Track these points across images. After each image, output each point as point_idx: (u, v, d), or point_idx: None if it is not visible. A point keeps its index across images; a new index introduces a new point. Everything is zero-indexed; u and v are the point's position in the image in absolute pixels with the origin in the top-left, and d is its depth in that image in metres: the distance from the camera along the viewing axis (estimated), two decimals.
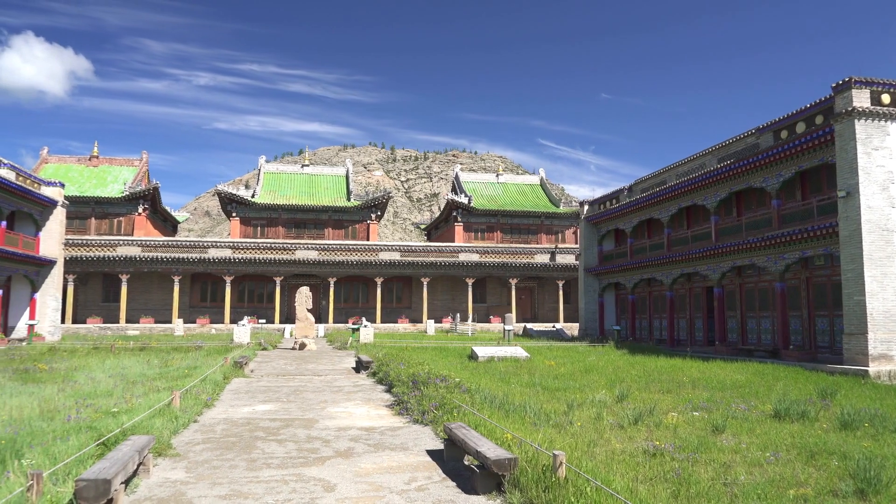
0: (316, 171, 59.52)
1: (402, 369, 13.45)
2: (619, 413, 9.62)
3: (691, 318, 28.63)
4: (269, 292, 45.03)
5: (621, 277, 33.44)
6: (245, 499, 5.58)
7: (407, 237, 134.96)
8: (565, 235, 54.86)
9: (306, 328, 26.23)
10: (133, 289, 42.27)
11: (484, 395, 10.40)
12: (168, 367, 16.03)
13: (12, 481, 5.21)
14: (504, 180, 61.58)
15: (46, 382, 12.83)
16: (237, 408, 10.64)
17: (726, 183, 24.84)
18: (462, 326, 41.03)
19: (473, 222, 53.68)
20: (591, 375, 15.29)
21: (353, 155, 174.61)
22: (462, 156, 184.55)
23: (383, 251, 44.89)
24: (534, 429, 8.10)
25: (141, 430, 7.33)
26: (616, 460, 6.75)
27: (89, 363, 17.03)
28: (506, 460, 5.64)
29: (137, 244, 41.72)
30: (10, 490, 4.86)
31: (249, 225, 50.81)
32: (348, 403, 11.34)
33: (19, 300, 31.51)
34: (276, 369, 17.43)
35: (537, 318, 48.87)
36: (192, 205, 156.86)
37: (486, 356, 19.04)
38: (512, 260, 45.79)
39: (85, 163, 52.35)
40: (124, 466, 5.23)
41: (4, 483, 5.17)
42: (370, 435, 8.49)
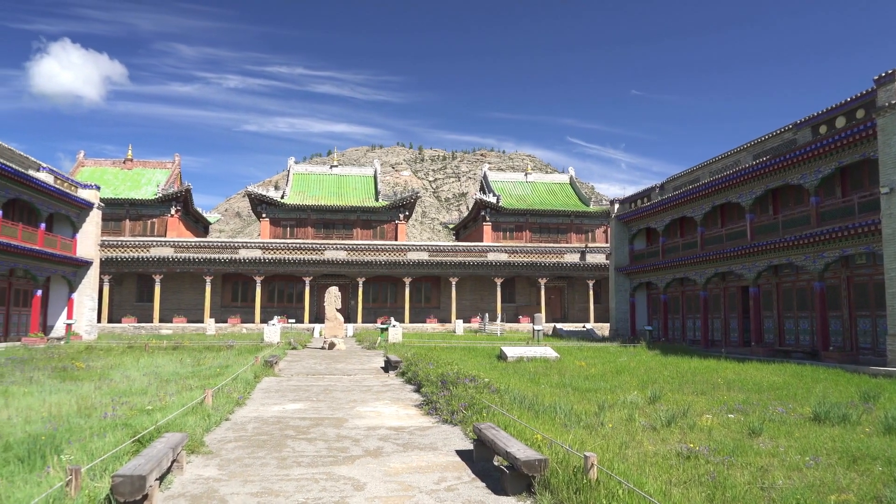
0: (344, 171, 59.98)
1: (431, 369, 13.43)
2: (652, 415, 9.45)
3: (726, 318, 28.04)
4: (298, 292, 45.54)
5: (653, 277, 32.93)
6: (276, 496, 5.62)
7: (435, 237, 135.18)
8: (595, 234, 54.30)
9: (335, 328, 26.43)
10: (166, 289, 43.17)
11: (513, 395, 10.32)
12: (200, 366, 16.29)
13: (52, 476, 5.33)
14: (533, 179, 61.20)
15: (84, 380, 13.15)
16: (268, 406, 10.76)
17: (762, 180, 24.26)
18: (491, 326, 40.90)
19: (502, 222, 53.47)
20: (622, 376, 15.06)
21: (381, 155, 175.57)
22: (490, 155, 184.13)
23: (411, 251, 45.00)
24: (564, 430, 7.99)
25: (174, 427, 7.44)
26: (649, 463, 6.61)
27: (124, 362, 17.42)
28: (536, 461, 5.57)
29: (170, 245, 42.58)
30: (51, 485, 4.98)
31: (279, 225, 51.44)
32: (377, 403, 11.37)
33: (57, 300, 32.40)
34: (305, 368, 17.59)
35: (567, 318, 48.45)
36: (223, 206, 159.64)
37: (516, 356, 18.93)
38: (541, 259, 45.49)
39: (119, 166, 53.67)
40: (159, 463, 5.31)
41: (45, 478, 5.29)
42: (399, 434, 8.48)
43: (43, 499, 4.50)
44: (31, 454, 6.18)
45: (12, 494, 4.79)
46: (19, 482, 5.21)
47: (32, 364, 16.45)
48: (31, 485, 5.09)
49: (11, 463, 5.98)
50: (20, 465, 5.92)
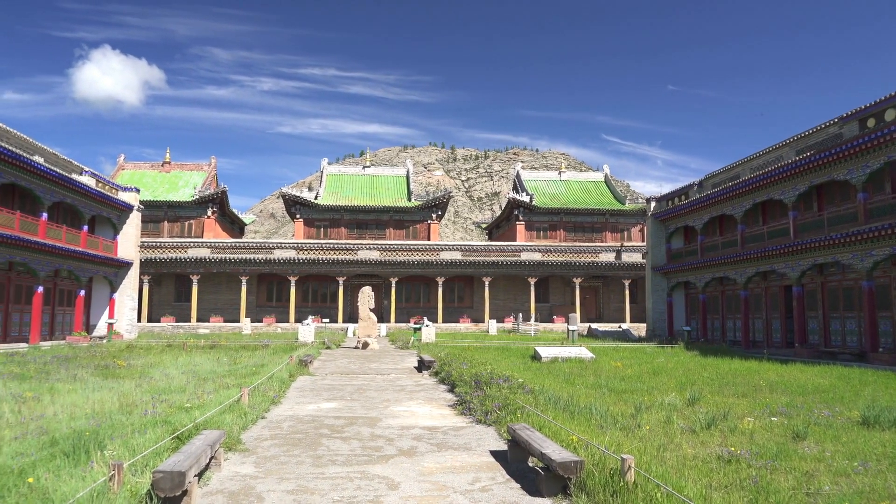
0: (377, 171, 60.41)
1: (465, 369, 13.39)
2: (691, 417, 9.24)
3: (768, 318, 27.29)
4: (332, 292, 46.03)
5: (691, 276, 32.28)
6: (311, 494, 5.65)
7: (468, 237, 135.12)
8: (631, 233, 53.53)
9: (369, 327, 26.60)
10: (203, 289, 44.11)
11: (548, 396, 10.20)
12: (237, 365, 16.55)
13: (96, 471, 5.45)
14: (567, 178, 60.65)
15: (125, 378, 13.49)
16: (303, 405, 10.86)
17: (806, 176, 23.54)
18: (524, 326, 40.67)
19: (535, 221, 53.13)
20: (659, 377, 14.78)
21: (414, 155, 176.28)
22: (523, 154, 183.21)
23: (444, 251, 45.05)
24: (600, 431, 7.86)
25: (212, 425, 7.56)
26: (688, 466, 6.45)
27: (163, 360, 17.81)
28: (572, 463, 5.49)
29: (207, 246, 43.49)
30: (94, 479, 5.09)
31: (313, 226, 52.08)
32: (411, 402, 11.38)
33: (99, 300, 33.35)
34: (339, 368, 17.74)
35: (602, 319, 47.87)
36: (258, 207, 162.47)
37: (550, 357, 18.76)
38: (575, 259, 45.05)
39: (158, 168, 55.06)
40: (197, 460, 5.39)
41: (89, 472, 5.42)
42: (433, 434, 8.47)
43: (87, 493, 4.60)
44: (75, 449, 6.34)
45: (59, 488, 4.91)
46: (65, 476, 5.35)
47: (76, 362, 16.95)
48: (76, 479, 5.22)
49: (58, 457, 6.15)
50: (66, 459, 6.08)
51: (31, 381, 12.72)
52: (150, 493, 4.95)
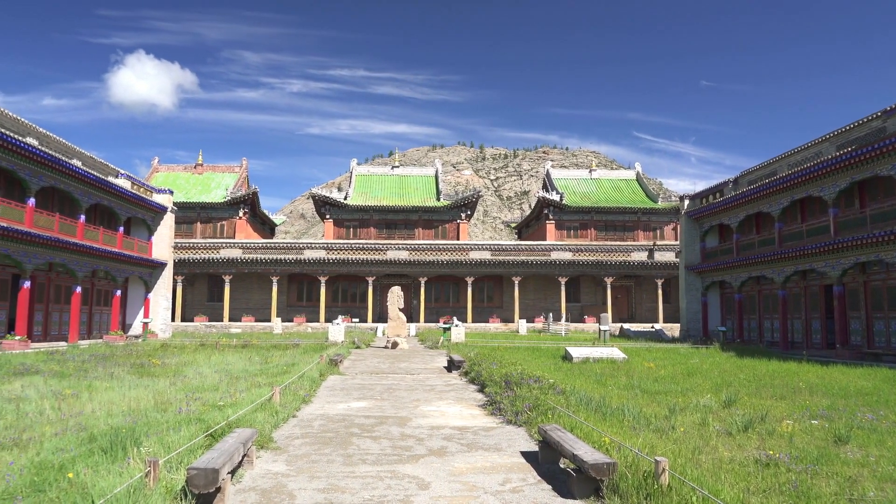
0: (406, 171, 60.63)
1: (495, 369, 13.32)
2: (727, 419, 9.02)
3: (807, 318, 26.57)
4: (361, 292, 46.33)
5: (727, 275, 31.62)
6: (342, 493, 5.67)
7: (497, 236, 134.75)
8: (664, 232, 52.71)
9: (398, 327, 26.68)
10: (235, 289, 44.82)
11: (579, 396, 10.08)
12: (268, 364, 16.75)
13: (132, 467, 5.55)
14: (597, 176, 60.01)
15: (159, 376, 13.75)
16: (333, 404, 10.93)
17: (847, 172, 22.84)
18: (555, 326, 40.35)
19: (566, 220, 52.69)
20: (694, 379, 14.49)
21: (442, 155, 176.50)
22: (553, 152, 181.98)
23: (473, 250, 44.98)
24: (633, 433, 7.73)
25: (244, 423, 7.65)
26: (724, 469, 6.29)
27: (197, 359, 18.11)
28: (604, 464, 5.40)
29: (238, 246, 44.19)
30: (131, 475, 5.18)
31: (342, 226, 52.51)
32: (441, 402, 11.36)
33: (135, 300, 34.09)
34: (369, 367, 17.82)
35: (635, 318, 47.23)
36: (288, 208, 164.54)
37: (581, 357, 18.56)
38: (607, 258, 44.53)
39: (191, 171, 56.16)
40: (230, 457, 5.45)
41: (126, 469, 5.52)
42: (463, 434, 8.43)
43: (125, 489, 4.68)
44: (113, 446, 6.47)
45: (97, 483, 5.01)
46: (103, 472, 5.45)
47: (113, 360, 17.35)
48: (114, 475, 5.31)
49: (96, 453, 6.29)
50: (103, 455, 6.21)
51: (71, 379, 13.07)
52: (185, 490, 5.02)
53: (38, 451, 6.60)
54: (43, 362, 16.36)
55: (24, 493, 5.10)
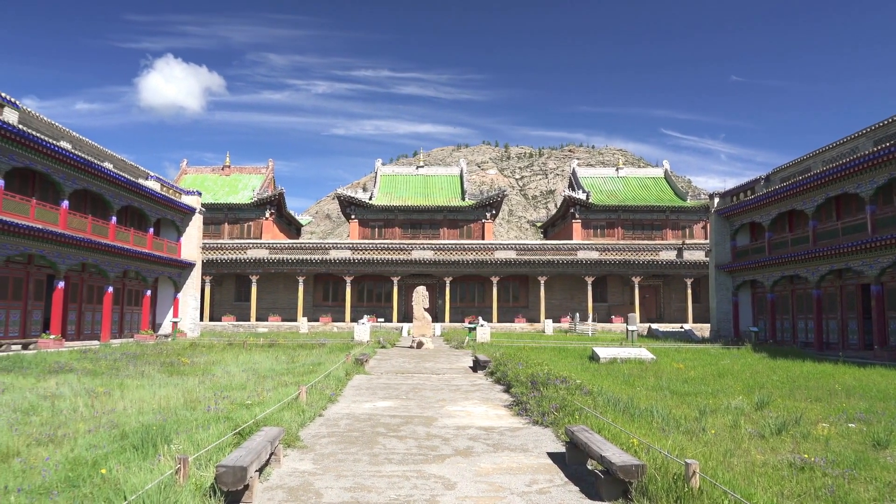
0: (430, 171, 60.69)
1: (521, 369, 13.24)
2: (759, 421, 8.83)
3: (843, 318, 25.89)
4: (387, 292, 46.50)
5: (758, 275, 30.99)
6: (368, 492, 5.67)
7: (522, 235, 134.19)
8: (693, 230, 51.89)
9: (423, 327, 26.70)
10: (262, 289, 45.35)
11: (607, 397, 9.96)
12: (294, 363, 16.90)
13: (163, 464, 5.64)
14: (624, 174, 59.34)
15: (188, 375, 13.97)
16: (359, 403, 10.97)
17: (885, 167, 22.20)
18: (581, 326, 40.01)
19: (592, 219, 52.21)
20: (725, 380, 14.22)
21: (467, 154, 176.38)
22: (579, 150, 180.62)
23: (499, 250, 44.82)
24: (662, 435, 7.61)
25: (272, 422, 7.71)
26: (757, 473, 6.16)
27: (224, 358, 18.36)
28: (633, 466, 5.31)
29: (265, 247, 44.69)
30: (162, 472, 5.26)
31: (367, 226, 52.77)
32: (466, 402, 11.32)
33: (164, 300, 34.70)
34: (394, 367, 17.86)
35: (663, 319, 46.58)
36: (314, 208, 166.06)
37: (608, 357, 18.35)
38: (634, 257, 43.98)
39: (218, 172, 56.98)
40: (258, 455, 5.50)
41: (157, 465, 5.61)
42: (489, 434, 8.39)
43: (156, 485, 4.75)
44: (144, 443, 6.59)
45: (129, 479, 5.10)
46: (134, 468, 5.55)
47: (143, 359, 17.67)
48: (145, 471, 5.40)
49: (127, 450, 6.40)
50: (135, 452, 6.32)
51: (103, 377, 13.35)
52: (214, 487, 5.08)
53: (73, 447, 6.74)
54: (77, 361, 16.74)
55: (59, 488, 5.21)
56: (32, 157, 22.37)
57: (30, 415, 8.76)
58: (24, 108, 23.37)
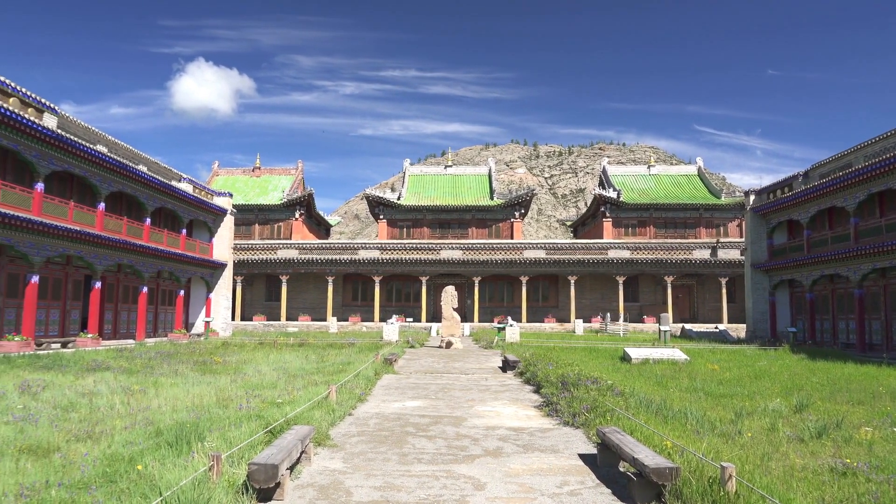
0: (459, 171, 60.63)
1: (551, 370, 13.13)
2: (798, 425, 8.58)
3: (887, 319, 25.03)
4: (415, 291, 46.62)
5: (796, 273, 30.20)
6: (398, 491, 5.67)
7: (552, 234, 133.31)
8: (728, 229, 50.84)
9: (452, 327, 26.68)
10: (292, 289, 45.85)
11: (639, 398, 9.80)
12: (324, 363, 17.05)
13: (196, 461, 5.72)
14: (656, 171, 58.44)
15: (220, 374, 14.20)
16: (388, 403, 10.99)
17: None
18: (613, 326, 39.54)
19: (623, 217, 51.55)
20: (762, 382, 13.88)
21: (495, 153, 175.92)
22: (609, 148, 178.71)
23: (528, 249, 44.57)
24: (696, 437, 7.45)
25: (302, 420, 7.77)
26: (796, 477, 5.98)
27: (256, 357, 18.62)
28: (666, 469, 5.20)
29: (295, 247, 45.18)
30: (196, 468, 5.34)
31: (396, 226, 52.96)
32: (496, 402, 11.27)
33: (197, 299, 35.30)
34: (423, 367, 17.88)
35: (697, 319, 45.75)
36: (343, 209, 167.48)
37: (640, 358, 18.07)
38: (667, 256, 43.27)
39: (249, 174, 57.83)
40: (289, 454, 5.54)
41: (190, 462, 5.69)
42: (519, 435, 8.32)
43: (190, 482, 4.82)
44: (178, 440, 6.70)
45: (164, 476, 5.18)
46: (169, 465, 5.65)
47: (177, 358, 18.03)
48: (179, 468, 5.49)
49: (162, 447, 6.52)
50: (169, 449, 6.44)
51: (138, 375, 13.65)
52: (246, 484, 5.15)
53: (110, 443, 6.90)
54: (113, 359, 17.16)
55: (97, 483, 5.33)
56: (71, 160, 23.00)
57: (69, 411, 9.00)
58: (63, 114, 24.03)
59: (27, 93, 21.06)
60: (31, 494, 4.99)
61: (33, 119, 20.25)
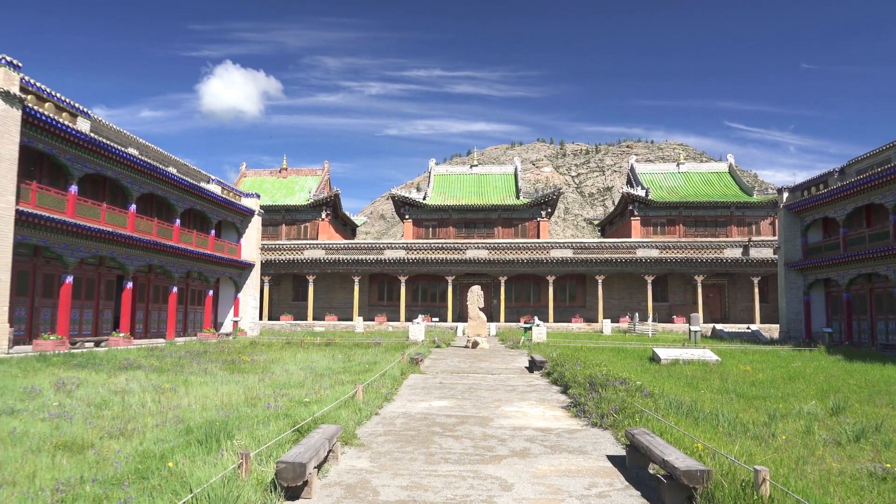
0: (484, 170, 60.48)
1: (578, 370, 13.00)
2: (835, 428, 8.34)
3: None
4: (441, 291, 46.62)
5: (832, 273, 29.45)
6: (425, 491, 5.66)
7: (579, 234, 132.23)
8: (760, 227, 49.82)
9: (478, 327, 26.61)
10: (318, 289, 46.25)
11: (668, 399, 9.64)
12: (350, 362, 17.13)
13: (226, 459, 5.79)
14: (686, 169, 57.55)
15: (249, 373, 14.36)
16: (414, 403, 10.99)
17: None
18: (641, 326, 39.05)
19: (652, 216, 50.87)
20: (796, 383, 13.55)
21: (521, 152, 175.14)
22: (637, 146, 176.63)
23: (554, 249, 44.26)
24: (728, 440, 7.30)
25: (329, 419, 7.81)
26: (833, 482, 5.81)
27: (283, 356, 18.80)
28: (697, 472, 5.10)
29: (321, 247, 45.54)
30: (225, 466, 5.41)
31: (421, 226, 53.04)
32: (522, 403, 11.19)
33: (225, 299, 35.77)
34: (449, 367, 17.85)
35: (728, 319, 44.92)
36: (368, 209, 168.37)
37: (670, 359, 17.79)
38: (697, 255, 42.56)
39: (276, 175, 58.48)
40: (316, 452, 5.57)
41: (220, 460, 5.76)
42: (546, 436, 8.25)
43: (219, 479, 4.87)
44: (207, 438, 6.78)
45: (194, 473, 5.25)
46: (199, 462, 5.72)
47: (206, 357, 18.30)
48: (209, 465, 5.55)
49: (192, 445, 6.61)
50: (199, 446, 6.52)
51: (169, 374, 13.89)
52: (274, 482, 5.19)
53: (141, 440, 7.02)
54: (144, 358, 17.49)
55: (129, 480, 5.42)
56: (103, 163, 23.52)
57: (102, 409, 9.19)
58: (95, 118, 24.58)
59: (61, 97, 21.60)
60: (67, 489, 5.10)
61: (68, 123, 20.76)
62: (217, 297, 35.12)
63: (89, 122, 23.19)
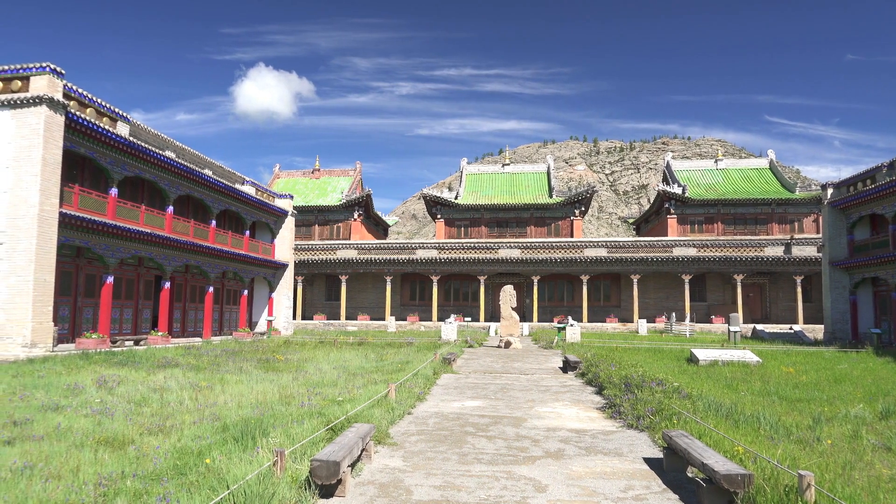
0: (516, 169, 60.17)
1: (613, 371, 12.80)
2: (884, 432, 8.02)
3: None
4: (473, 291, 46.55)
5: (881, 271, 28.43)
6: (458, 491, 5.63)
7: (613, 232, 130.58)
8: (803, 224, 48.43)
9: (511, 326, 26.47)
10: (351, 288, 46.63)
11: (707, 401, 9.41)
12: (383, 362, 17.20)
13: (261, 456, 5.86)
14: (724, 166, 56.27)
15: (283, 371, 14.53)
16: (447, 402, 10.97)
17: None
18: (678, 327, 38.32)
19: (689, 214, 49.89)
20: (842, 386, 13.09)
21: (554, 150, 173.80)
22: (673, 143, 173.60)
23: (588, 248, 43.76)
24: (770, 443, 7.08)
25: (362, 418, 7.84)
26: (882, 489, 5.57)
27: (316, 356, 18.98)
28: (738, 476, 4.96)
29: (354, 247, 45.91)
30: (260, 463, 5.48)
31: (453, 226, 53.02)
32: (556, 403, 11.07)
33: (260, 299, 36.31)
34: (482, 366, 17.79)
35: (769, 319, 43.78)
36: (400, 209, 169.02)
37: (708, 359, 17.39)
38: (736, 254, 41.58)
39: (308, 176, 59.23)
40: (350, 451, 5.59)
41: (255, 457, 5.83)
42: (581, 437, 8.13)
43: (255, 476, 4.93)
44: (243, 435, 6.87)
45: (230, 470, 5.32)
46: (235, 459, 5.80)
47: (241, 356, 18.61)
48: (245, 462, 5.63)
49: (228, 442, 6.71)
50: (235, 444, 6.61)
51: (205, 372, 14.14)
52: (309, 480, 5.23)
53: (179, 437, 7.15)
54: (181, 356, 17.87)
55: (168, 475, 5.52)
56: (142, 166, 24.14)
57: (141, 406, 9.40)
58: (134, 121, 25.23)
59: (102, 103, 22.23)
60: (109, 484, 5.22)
61: (108, 128, 21.35)
62: (252, 297, 35.70)
63: (128, 126, 23.82)
